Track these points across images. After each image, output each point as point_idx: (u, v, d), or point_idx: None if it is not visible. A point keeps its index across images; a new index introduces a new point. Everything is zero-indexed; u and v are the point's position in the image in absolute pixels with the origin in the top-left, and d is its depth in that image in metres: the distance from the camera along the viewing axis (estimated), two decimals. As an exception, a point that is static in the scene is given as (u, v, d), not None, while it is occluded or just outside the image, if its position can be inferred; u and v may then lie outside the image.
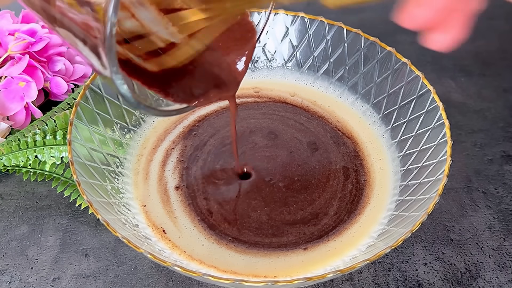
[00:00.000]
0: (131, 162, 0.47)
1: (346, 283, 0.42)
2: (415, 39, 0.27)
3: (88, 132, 0.43)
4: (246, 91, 0.54)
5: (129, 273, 0.43)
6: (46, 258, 0.44)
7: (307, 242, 0.41)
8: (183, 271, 0.33)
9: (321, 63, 0.53)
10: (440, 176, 0.39)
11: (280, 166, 0.46)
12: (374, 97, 0.50)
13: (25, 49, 0.52)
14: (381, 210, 0.43)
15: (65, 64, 0.54)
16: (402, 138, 0.46)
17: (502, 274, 0.43)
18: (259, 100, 0.53)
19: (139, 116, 0.49)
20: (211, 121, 0.50)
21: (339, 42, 0.51)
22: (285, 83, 0.54)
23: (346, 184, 0.45)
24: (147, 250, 0.34)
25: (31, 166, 0.49)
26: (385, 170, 0.46)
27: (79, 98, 0.43)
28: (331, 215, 0.43)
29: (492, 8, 0.71)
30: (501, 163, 0.52)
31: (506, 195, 0.49)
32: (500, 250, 0.45)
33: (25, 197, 0.49)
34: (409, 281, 0.43)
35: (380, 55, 0.48)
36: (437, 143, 0.42)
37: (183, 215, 0.43)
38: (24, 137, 0.49)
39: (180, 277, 0.42)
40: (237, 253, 0.40)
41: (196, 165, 0.46)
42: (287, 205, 0.43)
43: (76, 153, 0.40)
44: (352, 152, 0.48)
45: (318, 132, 0.50)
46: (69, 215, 0.47)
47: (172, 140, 0.49)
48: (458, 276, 0.43)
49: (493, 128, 0.56)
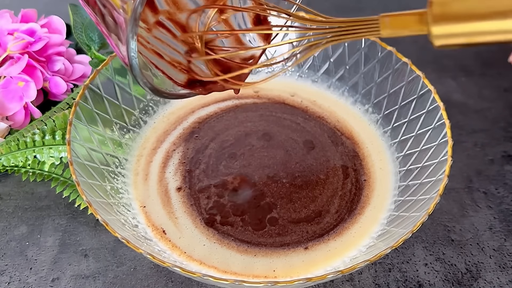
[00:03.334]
0: (131, 163, 0.47)
1: (346, 284, 0.42)
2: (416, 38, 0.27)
3: (87, 132, 0.43)
4: (246, 91, 0.54)
5: (128, 273, 0.43)
6: (45, 258, 0.44)
7: (309, 241, 0.41)
8: (183, 271, 0.33)
9: (321, 63, 0.53)
10: (441, 176, 0.39)
11: (280, 164, 0.46)
12: (374, 97, 0.50)
13: (24, 48, 0.52)
14: (381, 211, 0.43)
15: (64, 64, 0.54)
16: (403, 138, 0.46)
17: (503, 274, 0.43)
18: (258, 101, 0.53)
19: (138, 116, 0.49)
20: (211, 124, 0.50)
21: (339, 42, 0.51)
22: (285, 83, 0.54)
23: (346, 183, 0.45)
24: (146, 250, 0.34)
25: (30, 166, 0.48)
26: (385, 170, 0.46)
27: (78, 98, 0.43)
28: (332, 213, 0.43)
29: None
30: (502, 163, 0.52)
31: (507, 195, 0.49)
32: (501, 250, 0.45)
33: (24, 197, 0.49)
34: (410, 282, 0.43)
35: (380, 55, 0.48)
36: (437, 143, 0.42)
37: (184, 216, 0.43)
38: (23, 137, 0.49)
39: (180, 278, 0.42)
40: (238, 253, 0.40)
41: (199, 168, 0.46)
42: (291, 201, 0.43)
43: (75, 153, 0.39)
44: (351, 152, 0.48)
45: (315, 132, 0.49)
46: (68, 215, 0.47)
47: (172, 142, 0.49)
48: (459, 277, 0.43)
49: (494, 128, 0.56)
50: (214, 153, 0.47)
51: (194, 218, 0.42)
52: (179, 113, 0.51)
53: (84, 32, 0.58)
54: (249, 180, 0.45)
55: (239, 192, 0.44)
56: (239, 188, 0.44)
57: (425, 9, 0.20)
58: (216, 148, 0.48)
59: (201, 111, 0.51)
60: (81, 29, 0.59)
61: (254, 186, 0.44)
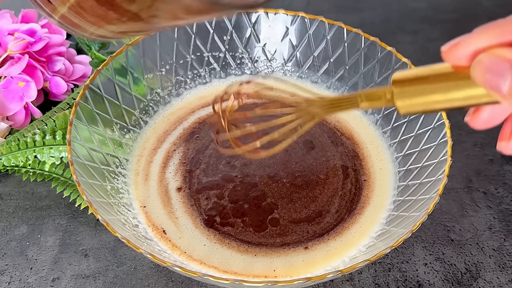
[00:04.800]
0: (131, 163, 0.47)
1: (346, 283, 0.42)
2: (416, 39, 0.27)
3: (87, 132, 0.43)
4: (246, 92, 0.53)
5: (128, 273, 0.43)
6: (45, 258, 0.44)
7: (309, 241, 0.41)
8: (183, 271, 0.33)
9: (321, 63, 0.53)
10: (440, 176, 0.39)
11: (280, 164, 0.46)
12: (374, 97, 0.50)
13: (25, 49, 0.52)
14: (381, 210, 0.43)
15: (64, 64, 0.54)
16: (402, 138, 0.46)
17: (502, 274, 0.43)
18: (257, 101, 0.53)
19: (138, 116, 0.49)
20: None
21: (339, 42, 0.51)
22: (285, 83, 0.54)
23: (346, 183, 0.45)
24: (147, 250, 0.34)
25: (31, 166, 0.49)
26: (385, 170, 0.46)
27: (79, 98, 0.43)
28: (332, 213, 0.43)
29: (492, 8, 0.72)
30: (501, 163, 0.52)
31: (507, 195, 0.49)
32: (501, 250, 0.45)
33: (24, 197, 0.49)
34: (409, 281, 0.43)
35: (380, 55, 0.48)
36: (437, 143, 0.42)
37: (185, 216, 0.43)
38: (23, 137, 0.49)
39: (180, 278, 0.42)
40: (239, 252, 0.40)
41: (199, 168, 0.46)
42: (292, 201, 0.43)
43: (75, 153, 0.40)
44: (351, 152, 0.48)
45: (314, 132, 0.50)
46: (68, 215, 0.47)
47: (172, 142, 0.49)
48: (459, 277, 0.43)
49: (493, 128, 0.56)
50: (215, 153, 0.48)
51: (194, 218, 0.43)
52: (179, 113, 0.51)
53: (84, 32, 0.58)
54: (250, 180, 0.45)
55: (239, 192, 0.44)
56: (239, 188, 0.44)
57: (390, 86, 0.26)
58: (216, 149, 0.48)
59: (201, 111, 0.52)
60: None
61: (255, 186, 0.45)
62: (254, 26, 0.53)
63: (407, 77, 0.26)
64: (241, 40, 0.53)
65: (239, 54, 0.54)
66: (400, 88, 0.26)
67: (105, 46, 0.59)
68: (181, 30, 0.51)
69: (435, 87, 0.25)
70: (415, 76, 0.26)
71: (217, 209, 0.43)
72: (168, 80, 0.52)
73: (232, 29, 0.52)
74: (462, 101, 0.25)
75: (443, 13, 0.70)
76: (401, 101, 0.26)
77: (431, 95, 0.25)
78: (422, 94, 0.25)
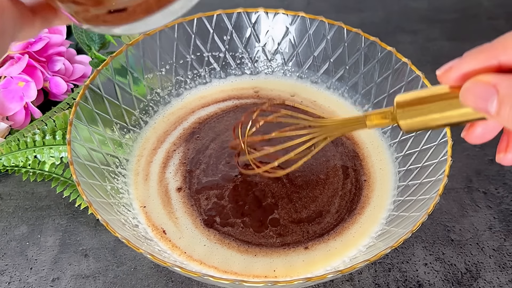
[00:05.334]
0: (131, 163, 0.47)
1: (346, 284, 0.42)
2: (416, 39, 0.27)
3: (87, 132, 0.43)
4: (246, 91, 0.54)
5: (128, 273, 0.43)
6: (45, 258, 0.44)
7: (309, 241, 0.41)
8: (183, 271, 0.33)
9: (321, 63, 0.53)
10: (440, 176, 0.39)
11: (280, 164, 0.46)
12: (374, 97, 0.50)
13: (25, 48, 0.52)
14: (381, 211, 0.43)
15: (64, 64, 0.54)
16: (402, 138, 0.46)
17: (502, 274, 0.43)
18: (257, 102, 0.53)
19: (138, 116, 0.49)
20: (211, 124, 0.50)
21: (339, 42, 0.51)
22: (285, 83, 0.54)
23: (346, 183, 0.45)
24: (146, 250, 0.34)
25: (31, 166, 0.49)
26: (385, 170, 0.46)
27: (79, 98, 0.43)
28: (332, 213, 0.43)
29: (492, 8, 0.72)
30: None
31: (507, 195, 0.49)
32: (501, 250, 0.45)
33: (24, 197, 0.49)
34: (410, 282, 0.43)
35: (380, 55, 0.48)
36: (437, 143, 0.42)
37: (185, 216, 0.43)
38: (23, 137, 0.49)
39: (180, 278, 0.42)
40: (239, 252, 0.40)
41: (199, 168, 0.46)
42: (292, 202, 0.43)
43: (75, 153, 0.40)
44: (351, 152, 0.48)
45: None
46: (68, 215, 0.47)
47: (172, 142, 0.49)
48: (459, 277, 0.43)
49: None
50: (215, 153, 0.48)
51: (194, 218, 0.42)
52: (179, 114, 0.51)
53: (84, 32, 0.58)
54: (250, 180, 0.45)
55: (239, 193, 0.44)
56: (239, 189, 0.44)
57: (393, 107, 0.30)
58: (216, 149, 0.48)
59: (201, 111, 0.52)
60: (82, 29, 0.59)
61: (255, 186, 0.44)
62: (254, 26, 0.53)
63: (408, 99, 0.29)
64: (241, 40, 0.53)
65: (239, 54, 0.54)
66: (402, 109, 0.29)
67: (105, 46, 0.59)
68: (181, 30, 0.51)
69: (433, 106, 0.28)
70: (415, 98, 0.29)
71: (217, 209, 0.43)
72: (168, 80, 0.52)
73: (232, 29, 0.52)
74: (457, 118, 0.28)
75: (443, 13, 0.70)
76: (403, 121, 0.29)
77: (429, 114, 0.28)
78: (421, 113, 0.28)
